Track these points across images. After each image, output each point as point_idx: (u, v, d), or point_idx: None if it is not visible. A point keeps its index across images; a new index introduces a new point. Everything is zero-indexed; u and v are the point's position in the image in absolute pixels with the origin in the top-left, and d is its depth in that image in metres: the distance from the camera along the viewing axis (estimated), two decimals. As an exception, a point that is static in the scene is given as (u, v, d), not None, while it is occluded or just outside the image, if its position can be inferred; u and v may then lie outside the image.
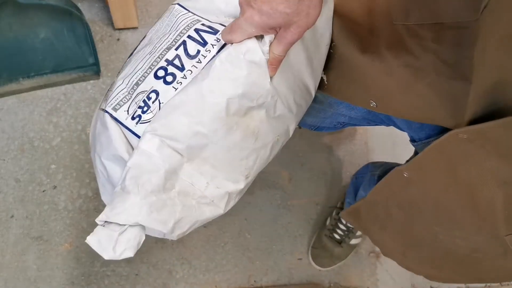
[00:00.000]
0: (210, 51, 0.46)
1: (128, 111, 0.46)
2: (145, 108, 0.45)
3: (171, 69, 0.46)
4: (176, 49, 0.47)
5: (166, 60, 0.47)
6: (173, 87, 0.45)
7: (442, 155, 0.45)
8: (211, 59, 0.46)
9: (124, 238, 0.40)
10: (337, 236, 1.05)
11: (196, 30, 0.48)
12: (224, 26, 0.47)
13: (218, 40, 0.47)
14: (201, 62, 0.46)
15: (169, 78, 0.46)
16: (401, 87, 0.47)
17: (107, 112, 0.47)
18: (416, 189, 0.54)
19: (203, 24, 0.48)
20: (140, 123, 0.45)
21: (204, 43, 0.47)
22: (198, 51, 0.46)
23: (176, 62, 0.46)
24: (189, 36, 0.47)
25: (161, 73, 0.46)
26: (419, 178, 0.52)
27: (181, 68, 0.46)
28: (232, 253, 1.08)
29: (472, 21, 0.38)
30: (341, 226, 1.05)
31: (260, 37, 0.43)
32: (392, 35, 0.45)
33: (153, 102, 0.45)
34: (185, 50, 0.47)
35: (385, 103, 0.51)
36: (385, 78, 0.48)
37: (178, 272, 1.06)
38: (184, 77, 0.46)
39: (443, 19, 0.40)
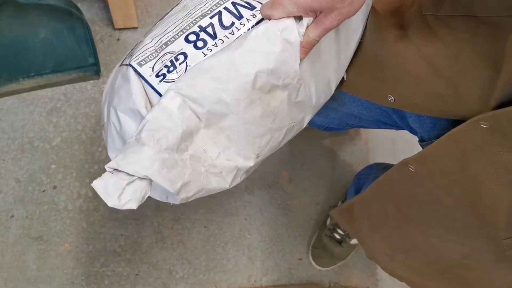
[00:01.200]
0: (244, 25, 0.47)
1: (153, 68, 0.46)
2: (171, 68, 0.46)
3: (203, 35, 0.47)
4: (210, 18, 0.48)
5: (199, 27, 0.47)
6: (202, 52, 0.46)
7: (455, 147, 0.45)
8: (245, 32, 0.46)
9: (131, 188, 0.39)
10: (337, 236, 1.05)
11: (233, 3, 0.48)
12: (261, 3, 0.48)
13: (254, 16, 0.47)
14: (234, 34, 0.47)
15: (199, 44, 0.46)
16: (429, 74, 0.47)
17: (131, 66, 0.47)
18: (420, 185, 0.54)
19: None
20: (164, 81, 0.45)
21: (239, 17, 0.47)
22: (233, 23, 0.47)
23: (209, 30, 0.47)
24: (225, 8, 0.48)
25: (192, 37, 0.47)
26: (425, 172, 0.51)
27: (213, 36, 0.47)
28: (232, 253, 1.08)
29: (506, 16, 0.38)
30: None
31: (298, 18, 0.43)
32: (421, 25, 0.46)
33: (180, 64, 0.46)
34: (220, 20, 0.47)
35: (404, 96, 0.51)
36: (413, 67, 0.48)
37: (178, 272, 1.06)
38: (215, 45, 0.46)
39: (476, 13, 0.41)
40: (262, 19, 0.47)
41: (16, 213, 1.07)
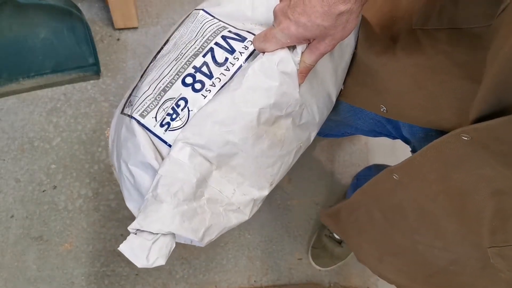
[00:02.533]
0: (238, 58, 0.46)
1: (156, 118, 0.46)
2: (174, 116, 0.45)
3: (199, 76, 0.46)
4: (203, 56, 0.47)
5: (194, 67, 0.47)
6: (202, 94, 0.45)
7: (438, 157, 0.45)
8: (239, 67, 0.46)
9: (157, 246, 0.40)
10: (337, 236, 1.05)
11: (223, 37, 0.48)
12: (251, 33, 0.48)
13: (246, 48, 0.47)
14: (229, 70, 0.46)
15: (197, 86, 0.46)
16: (411, 86, 0.47)
17: (134, 118, 0.47)
18: (404, 193, 0.54)
19: (229, 31, 0.48)
20: (169, 130, 0.45)
21: (232, 51, 0.47)
22: (226, 59, 0.47)
23: (204, 69, 0.46)
24: (216, 43, 0.47)
25: (189, 80, 0.46)
26: (409, 181, 0.51)
27: (210, 76, 0.46)
28: (232, 253, 1.08)
29: (486, 26, 0.38)
30: (341, 226, 1.05)
31: (292, 47, 0.43)
32: (410, 38, 0.46)
33: (182, 110, 0.45)
34: (213, 57, 0.47)
35: (394, 107, 0.51)
36: (397, 79, 0.48)
37: (178, 272, 1.06)
38: (213, 84, 0.46)
39: (460, 25, 0.41)
40: (254, 50, 0.46)
41: (16, 213, 1.07)
